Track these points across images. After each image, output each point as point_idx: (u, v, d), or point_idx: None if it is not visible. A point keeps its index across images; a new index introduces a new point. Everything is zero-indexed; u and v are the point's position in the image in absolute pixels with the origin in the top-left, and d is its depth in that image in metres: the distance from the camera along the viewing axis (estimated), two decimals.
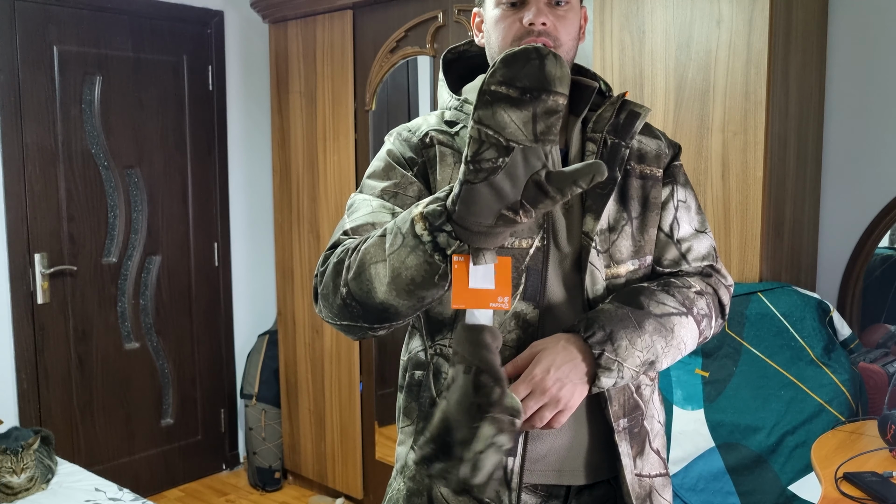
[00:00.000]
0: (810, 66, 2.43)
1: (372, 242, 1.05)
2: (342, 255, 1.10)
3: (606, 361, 1.13)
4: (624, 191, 1.25)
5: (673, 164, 1.31)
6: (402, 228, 1.01)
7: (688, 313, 1.21)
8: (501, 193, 0.92)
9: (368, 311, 1.08)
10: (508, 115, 0.90)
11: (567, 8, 1.20)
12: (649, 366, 1.18)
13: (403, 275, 1.01)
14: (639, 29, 2.42)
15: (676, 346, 1.20)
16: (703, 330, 1.25)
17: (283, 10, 3.50)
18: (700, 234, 1.32)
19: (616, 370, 1.13)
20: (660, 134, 1.33)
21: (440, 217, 0.97)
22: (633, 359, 1.15)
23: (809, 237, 2.54)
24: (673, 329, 1.19)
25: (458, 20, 2.93)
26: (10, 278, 3.21)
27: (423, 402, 1.25)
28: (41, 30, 3.23)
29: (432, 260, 0.98)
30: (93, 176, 3.43)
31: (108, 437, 3.57)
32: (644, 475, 1.27)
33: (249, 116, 3.94)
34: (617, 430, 1.22)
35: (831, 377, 2.08)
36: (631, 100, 1.29)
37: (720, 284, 1.31)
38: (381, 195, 1.21)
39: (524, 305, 1.18)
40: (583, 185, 0.91)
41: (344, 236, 1.16)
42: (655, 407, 1.32)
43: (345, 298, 1.08)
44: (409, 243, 0.99)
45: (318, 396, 3.62)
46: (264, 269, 4.05)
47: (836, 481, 1.69)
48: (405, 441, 1.30)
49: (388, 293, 1.03)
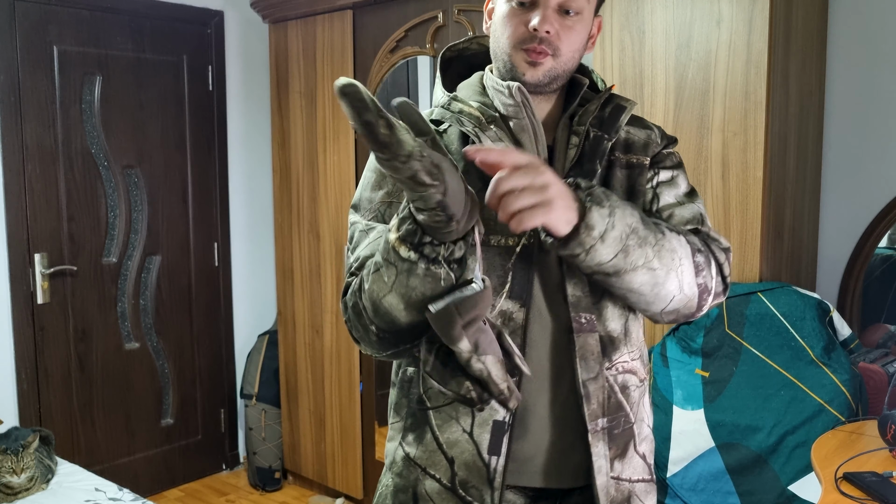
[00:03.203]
0: (810, 66, 2.43)
1: (372, 279, 1.09)
2: (354, 298, 1.14)
3: (598, 197, 1.07)
4: (606, 183, 1.24)
5: (662, 151, 1.29)
6: (389, 258, 1.05)
7: (678, 233, 1.18)
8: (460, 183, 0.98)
9: (401, 335, 1.13)
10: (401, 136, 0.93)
11: (576, 19, 1.19)
12: (638, 246, 1.10)
13: (413, 296, 1.05)
14: (639, 29, 2.42)
15: (669, 253, 1.13)
16: (700, 265, 1.18)
17: (283, 10, 3.50)
18: (685, 204, 1.27)
19: (608, 210, 1.07)
20: (653, 126, 1.32)
21: (416, 234, 1.01)
22: (624, 214, 1.09)
23: (809, 237, 2.54)
24: (663, 233, 1.14)
25: (458, 20, 2.93)
26: (10, 278, 3.21)
27: (411, 398, 1.25)
28: (41, 30, 3.23)
29: (430, 272, 1.02)
30: (93, 176, 3.43)
31: (108, 437, 3.57)
32: (623, 479, 1.24)
33: (249, 116, 3.94)
34: (594, 430, 1.19)
35: (831, 377, 2.08)
36: (618, 94, 1.29)
37: (711, 243, 1.25)
38: (377, 209, 1.23)
39: (510, 304, 1.18)
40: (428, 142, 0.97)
41: (351, 277, 1.18)
42: (645, 411, 1.30)
43: (377, 334, 1.13)
44: (403, 268, 1.04)
45: (318, 396, 3.62)
46: (264, 269, 4.05)
47: (836, 481, 1.69)
48: (395, 437, 1.30)
49: (409, 315, 1.08)
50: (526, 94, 1.19)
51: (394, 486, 1.27)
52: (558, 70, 1.20)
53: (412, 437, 1.25)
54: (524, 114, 1.20)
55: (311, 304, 3.58)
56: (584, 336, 1.19)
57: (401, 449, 1.27)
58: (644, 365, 1.29)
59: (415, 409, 1.24)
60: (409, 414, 1.26)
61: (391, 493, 1.27)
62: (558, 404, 1.21)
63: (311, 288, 3.57)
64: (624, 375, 1.24)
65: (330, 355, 3.53)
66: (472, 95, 1.27)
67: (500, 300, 1.18)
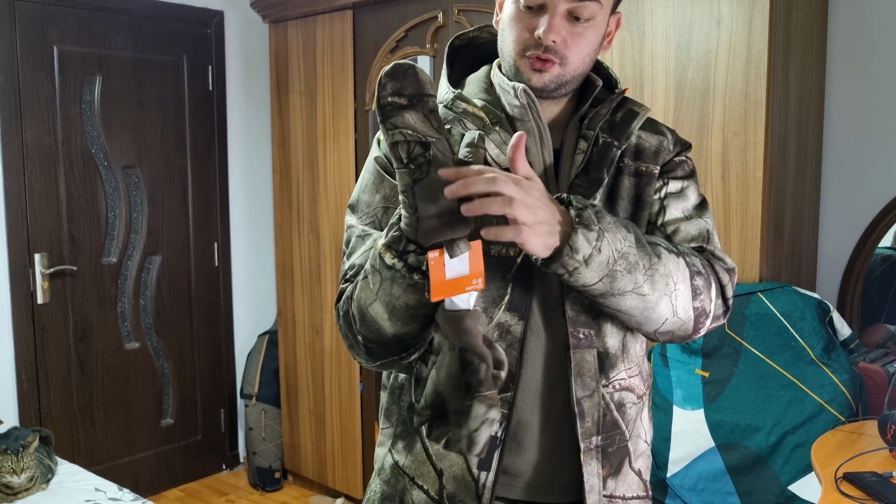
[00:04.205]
0: (810, 66, 2.43)
1: (361, 287, 1.08)
2: (346, 306, 1.13)
3: (587, 219, 1.02)
4: (613, 190, 1.19)
5: (674, 159, 1.24)
6: (375, 265, 1.04)
7: (678, 254, 1.12)
8: (443, 182, 0.97)
9: (388, 346, 1.11)
10: (411, 118, 0.98)
11: (587, 25, 1.13)
12: (627, 272, 1.05)
13: (397, 305, 1.04)
14: (639, 29, 2.42)
15: (662, 278, 1.08)
16: (699, 288, 1.13)
17: (283, 10, 3.50)
18: (692, 219, 1.22)
19: (596, 234, 1.02)
20: (666, 130, 1.26)
21: (401, 241, 1.01)
22: (615, 238, 1.04)
23: (809, 237, 2.54)
24: (660, 256, 1.09)
25: (458, 20, 2.93)
26: (10, 278, 3.21)
27: (402, 406, 1.24)
28: (41, 30, 3.23)
29: (413, 281, 1.01)
30: (93, 176, 3.43)
31: (108, 437, 3.57)
32: (617, 496, 1.22)
33: (249, 116, 3.94)
34: (587, 448, 1.16)
35: (831, 377, 2.08)
36: (631, 98, 1.24)
37: (716, 263, 1.19)
38: (374, 214, 1.20)
39: (508, 316, 1.14)
40: (472, 151, 1.03)
41: (345, 284, 1.17)
42: (643, 427, 1.26)
43: (364, 344, 1.12)
44: (388, 276, 1.03)
45: (318, 396, 3.62)
46: (264, 269, 4.05)
47: (836, 481, 1.69)
48: (384, 443, 1.28)
49: (394, 326, 1.07)
50: (532, 96, 1.15)
51: (381, 493, 1.26)
52: (566, 77, 1.15)
53: (402, 444, 1.23)
54: (530, 116, 1.15)
55: (311, 304, 3.58)
56: (581, 352, 1.15)
57: (390, 456, 1.26)
58: (643, 381, 1.25)
59: (405, 417, 1.23)
60: (400, 421, 1.24)
61: (378, 500, 1.26)
62: (552, 420, 1.18)
63: (311, 288, 3.57)
64: (621, 393, 1.20)
65: (330, 355, 3.53)
66: (478, 93, 1.22)
67: (499, 312, 1.15)
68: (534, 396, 1.17)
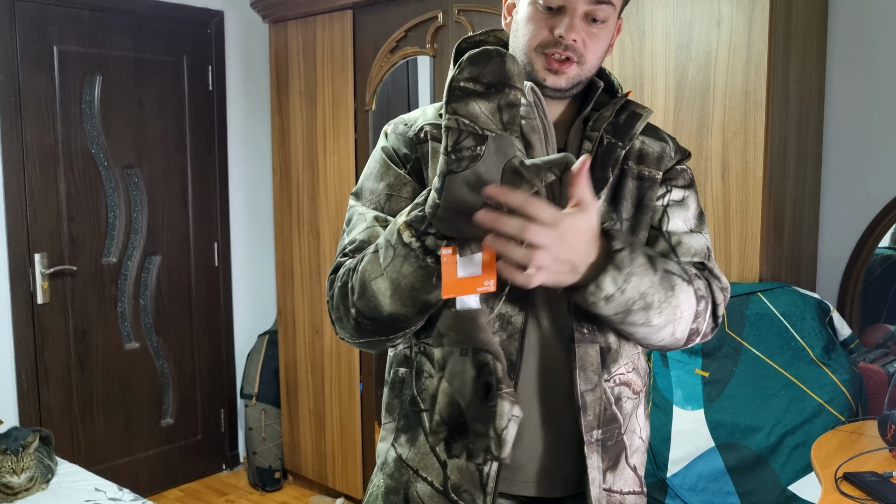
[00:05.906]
0: (810, 66, 2.43)
1: (368, 259, 1.09)
2: (345, 277, 1.13)
3: (620, 262, 1.03)
4: (617, 191, 1.22)
5: (676, 167, 1.27)
6: (391, 240, 1.05)
7: (689, 282, 1.15)
8: (482, 181, 0.95)
9: (380, 325, 1.11)
10: (479, 107, 0.95)
11: (602, 27, 1.17)
12: (642, 310, 1.08)
13: (403, 284, 1.04)
14: (639, 29, 2.42)
15: (672, 309, 1.12)
16: (700, 313, 1.17)
17: (283, 10, 3.50)
18: (694, 233, 1.26)
19: (624, 277, 1.04)
20: (668, 138, 1.29)
21: (423, 222, 1.00)
22: (640, 282, 1.06)
23: (809, 237, 2.54)
24: (674, 288, 1.11)
25: (458, 20, 2.93)
26: (10, 278, 3.21)
27: (404, 399, 1.25)
28: (41, 30, 3.23)
29: (425, 264, 1.01)
30: (93, 176, 3.43)
31: (108, 437, 3.57)
32: (615, 491, 1.23)
33: (249, 116, 3.94)
34: (589, 441, 1.18)
35: (831, 377, 2.08)
36: (634, 100, 1.27)
37: (713, 283, 1.24)
38: (377, 200, 1.22)
39: (509, 307, 1.16)
40: (556, 173, 0.96)
41: (344, 258, 1.18)
42: (639, 423, 1.28)
43: (356, 318, 1.12)
44: (401, 253, 1.03)
45: (318, 396, 3.62)
46: (264, 269, 4.05)
47: (836, 481, 1.70)
48: (387, 437, 1.29)
49: (393, 305, 1.07)
50: (539, 94, 1.17)
51: (385, 487, 1.27)
52: (582, 77, 1.19)
53: (404, 438, 1.25)
54: (536, 114, 1.17)
55: (311, 304, 3.58)
56: (585, 346, 1.17)
57: (393, 450, 1.27)
58: (641, 377, 1.28)
59: (407, 410, 1.24)
60: (402, 415, 1.25)
61: (382, 495, 1.27)
62: (553, 413, 1.20)
63: (311, 288, 3.57)
64: (620, 387, 1.22)
65: (330, 355, 3.53)
66: None
67: (499, 303, 1.16)
68: (533, 388, 1.19)
